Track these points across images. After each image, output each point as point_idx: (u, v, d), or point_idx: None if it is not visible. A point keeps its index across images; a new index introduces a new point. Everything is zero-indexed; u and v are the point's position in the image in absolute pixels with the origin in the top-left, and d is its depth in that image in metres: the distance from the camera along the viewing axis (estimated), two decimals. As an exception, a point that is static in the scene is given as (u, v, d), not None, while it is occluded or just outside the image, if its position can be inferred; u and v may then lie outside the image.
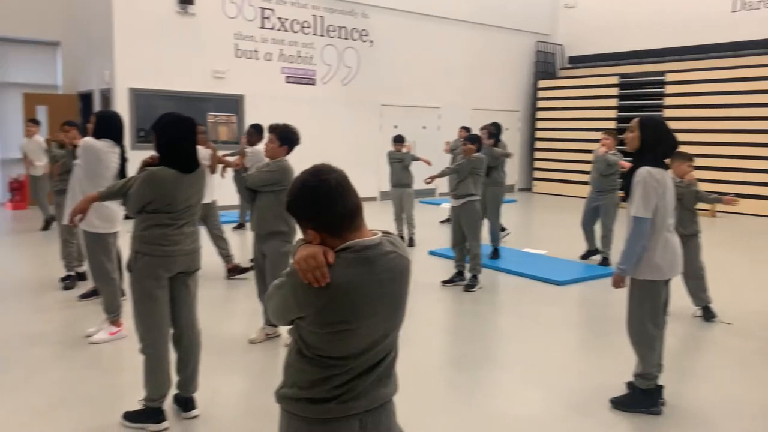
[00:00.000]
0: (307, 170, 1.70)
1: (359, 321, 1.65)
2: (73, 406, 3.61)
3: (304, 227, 1.69)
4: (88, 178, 4.52)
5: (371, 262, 1.65)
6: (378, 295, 1.66)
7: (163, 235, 3.21)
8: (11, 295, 5.87)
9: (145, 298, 3.25)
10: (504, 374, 4.30)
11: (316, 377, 1.70)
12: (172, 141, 3.24)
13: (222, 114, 11.68)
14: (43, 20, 11.67)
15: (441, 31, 14.24)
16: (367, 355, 1.71)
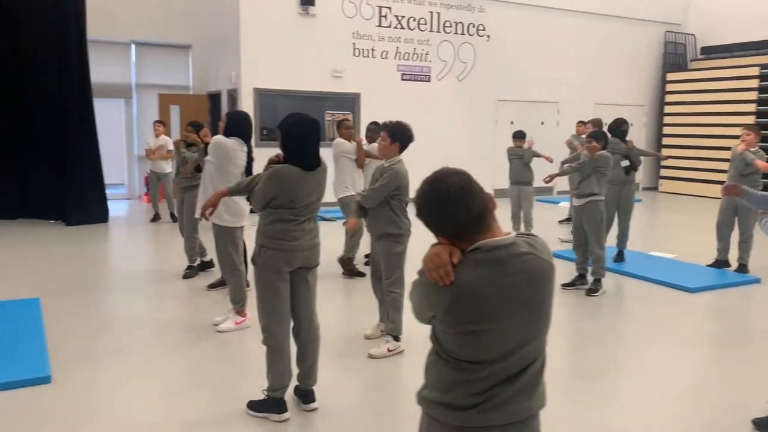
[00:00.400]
0: (428, 178, 1.69)
1: (488, 323, 1.59)
2: (200, 392, 3.79)
3: (434, 233, 1.67)
4: (218, 174, 4.75)
5: (501, 262, 1.59)
6: (510, 297, 1.59)
7: (284, 230, 3.30)
8: (142, 282, 6.29)
9: (267, 291, 3.35)
10: (627, 385, 4.05)
11: (453, 380, 1.66)
12: (296, 141, 3.33)
13: (338, 112, 11.92)
14: (176, 25, 12.44)
15: (561, 24, 13.74)
16: (505, 362, 1.63)
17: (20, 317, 4.97)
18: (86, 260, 7.29)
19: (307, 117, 3.40)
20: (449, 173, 1.68)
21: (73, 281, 6.23)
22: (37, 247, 7.84)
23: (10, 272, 6.56)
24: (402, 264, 4.38)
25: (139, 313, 5.36)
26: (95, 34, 10.46)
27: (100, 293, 5.94)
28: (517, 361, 1.64)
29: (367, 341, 4.63)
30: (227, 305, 5.15)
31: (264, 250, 3.32)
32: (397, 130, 4.32)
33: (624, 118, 7.83)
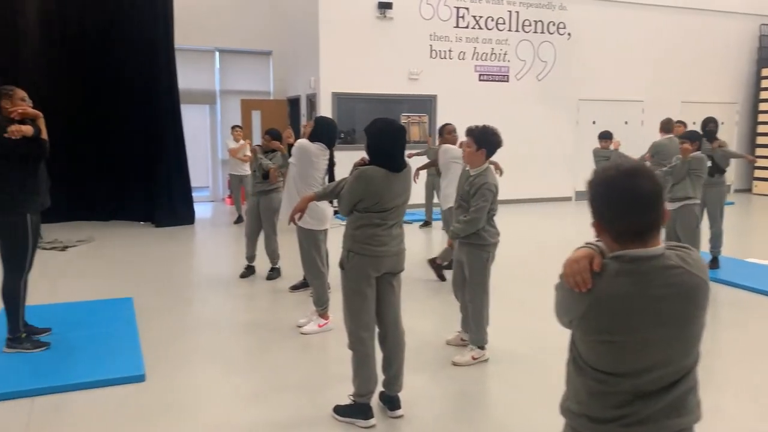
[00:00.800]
0: (623, 169, 1.58)
1: (624, 335, 1.53)
2: (287, 394, 3.84)
3: (599, 226, 1.61)
4: (301, 177, 4.82)
5: (645, 274, 1.53)
6: (651, 311, 1.52)
7: (373, 235, 3.29)
8: (226, 283, 6.45)
9: (354, 296, 3.35)
10: (726, 399, 3.81)
11: (592, 391, 1.62)
12: (383, 143, 3.33)
13: (414, 114, 11.90)
14: (257, 33, 12.76)
15: (646, 19, 13.19)
16: (648, 377, 1.56)
17: (115, 316, 5.19)
18: (174, 260, 7.57)
19: (394, 122, 3.42)
20: (645, 171, 1.57)
21: (163, 281, 6.47)
22: (129, 247, 8.20)
23: (105, 272, 6.88)
24: (485, 274, 4.26)
25: (225, 313, 5.50)
26: (182, 42, 10.87)
27: (188, 293, 6.14)
28: (659, 377, 1.56)
29: (450, 348, 4.57)
30: (309, 307, 5.21)
31: (352, 255, 3.32)
32: (484, 136, 4.15)
33: (713, 117, 7.48)
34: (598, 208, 1.60)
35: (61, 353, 4.34)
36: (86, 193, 9.95)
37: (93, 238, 8.66)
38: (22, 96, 4.24)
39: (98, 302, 5.61)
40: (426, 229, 9.72)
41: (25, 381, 3.87)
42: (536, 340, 4.94)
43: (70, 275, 6.71)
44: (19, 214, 4.20)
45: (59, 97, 9.38)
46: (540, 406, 3.63)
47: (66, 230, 9.04)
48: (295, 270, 6.56)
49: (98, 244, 8.33)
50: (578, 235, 5.23)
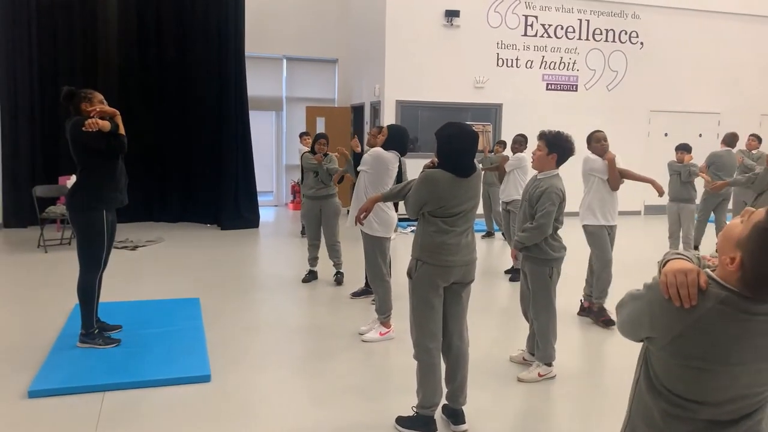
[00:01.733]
0: None
1: (719, 365, 1.41)
2: (349, 401, 3.81)
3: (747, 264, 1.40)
4: (373, 184, 4.82)
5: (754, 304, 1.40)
6: (752, 345, 1.40)
7: (442, 243, 3.23)
8: (290, 286, 6.50)
9: (422, 306, 3.29)
10: None
11: (668, 414, 1.50)
12: (451, 151, 3.28)
13: (478, 123, 11.77)
14: (324, 40, 12.92)
15: (723, 28, 12.65)
16: (729, 407, 1.46)
17: (182, 315, 5.30)
18: (239, 263, 7.70)
19: (466, 127, 3.37)
20: None
21: (228, 282, 6.58)
22: (196, 249, 8.40)
23: (173, 272, 7.07)
24: (550, 289, 4.11)
25: (288, 316, 5.54)
26: (251, 49, 11.11)
27: (252, 295, 6.22)
28: (740, 408, 1.46)
29: (516, 364, 4.44)
30: (371, 314, 5.19)
31: (421, 264, 3.27)
32: (557, 140, 4.05)
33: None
34: (763, 263, 1.37)
35: (130, 350, 4.46)
36: (156, 195, 10.28)
37: (162, 238, 8.92)
38: (100, 99, 4.38)
39: (166, 301, 5.75)
40: (488, 239, 9.60)
41: (97, 376, 3.98)
42: (604, 359, 4.77)
43: (140, 274, 6.92)
44: (97, 210, 4.33)
45: (131, 100, 9.73)
46: (606, 428, 3.48)
47: (136, 230, 9.35)
48: (356, 276, 6.60)
49: (167, 245, 8.56)
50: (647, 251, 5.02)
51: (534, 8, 11.65)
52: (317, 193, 6.57)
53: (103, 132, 4.14)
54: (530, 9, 11.63)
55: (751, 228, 1.37)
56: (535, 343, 4.24)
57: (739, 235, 1.40)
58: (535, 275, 4.11)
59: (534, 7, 11.65)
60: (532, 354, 4.32)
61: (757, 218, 1.37)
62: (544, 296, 4.10)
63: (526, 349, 4.44)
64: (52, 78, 9.38)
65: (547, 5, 11.70)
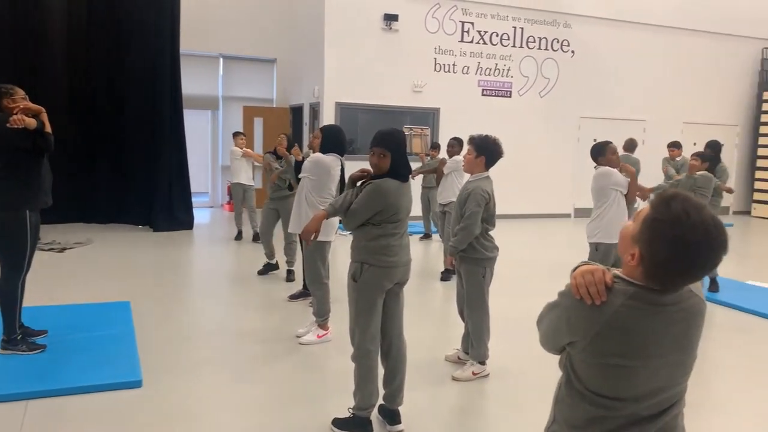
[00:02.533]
0: (690, 204, 1.42)
1: (637, 360, 1.48)
2: (286, 405, 3.79)
3: (655, 264, 1.45)
4: (317, 190, 4.80)
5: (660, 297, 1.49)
6: (666, 335, 1.49)
7: (388, 245, 3.27)
8: (225, 289, 6.41)
9: (368, 308, 3.31)
10: (731, 423, 3.78)
11: (588, 416, 1.55)
12: (404, 158, 3.34)
13: (417, 126, 11.91)
14: (262, 40, 12.78)
15: (650, 39, 13.26)
16: (649, 402, 1.52)
17: (113, 320, 5.14)
18: (173, 266, 7.52)
19: (400, 132, 3.43)
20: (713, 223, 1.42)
21: (161, 286, 6.42)
22: (128, 251, 8.15)
23: (102, 275, 6.83)
24: (483, 289, 4.22)
25: (223, 320, 5.45)
26: (187, 47, 10.88)
27: (186, 299, 6.09)
28: (658, 402, 1.53)
29: (451, 363, 4.52)
30: (308, 317, 5.17)
31: (367, 267, 3.27)
32: (485, 144, 4.17)
33: (716, 141, 7.51)
34: (658, 251, 1.43)
35: (57, 356, 4.29)
36: (85, 195, 9.92)
37: (91, 240, 8.62)
38: (23, 95, 4.22)
39: (95, 305, 5.56)
40: (426, 241, 9.72)
41: (20, 383, 3.82)
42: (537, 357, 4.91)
43: (68, 277, 6.66)
44: (20, 210, 4.15)
45: (62, 98, 9.38)
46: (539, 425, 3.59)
47: (65, 232, 9.00)
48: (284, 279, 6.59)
49: (96, 247, 8.28)
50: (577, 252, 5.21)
51: (470, 15, 11.89)
52: (274, 195, 6.78)
53: (28, 130, 3.99)
54: (467, 15, 11.86)
55: (641, 222, 1.47)
56: (469, 342, 4.33)
57: (633, 231, 1.50)
58: (468, 275, 4.21)
59: (470, 14, 11.89)
60: (466, 353, 4.41)
61: (645, 212, 1.47)
62: (477, 296, 4.20)
63: (461, 348, 4.53)
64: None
65: (483, 12, 11.96)
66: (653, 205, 1.46)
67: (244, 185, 9.13)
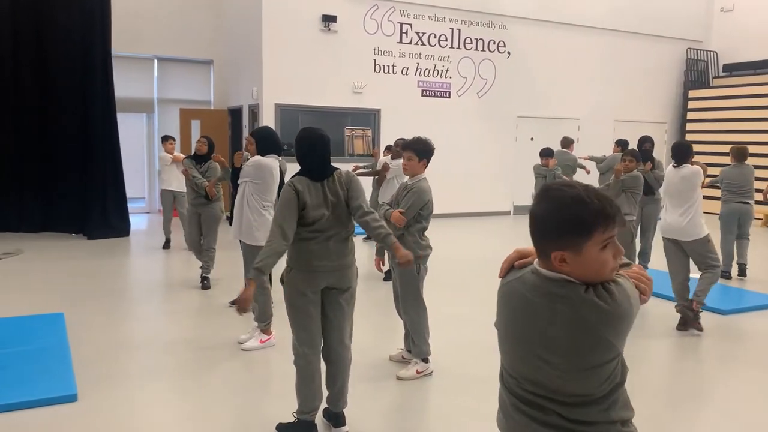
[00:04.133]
0: (573, 185, 1.55)
1: (502, 329, 1.72)
2: (228, 412, 3.74)
3: (547, 238, 1.57)
4: (260, 192, 4.77)
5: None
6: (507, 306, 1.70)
7: (305, 249, 3.23)
8: (164, 298, 6.27)
9: (293, 311, 3.30)
10: (704, 415, 3.95)
11: (505, 390, 1.73)
12: (301, 154, 3.33)
13: (358, 127, 11.94)
14: (198, 41, 12.54)
15: (582, 40, 13.69)
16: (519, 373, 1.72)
17: (45, 332, 4.95)
18: (108, 275, 7.29)
19: (316, 130, 3.38)
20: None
21: (96, 296, 6.22)
22: (60, 260, 7.86)
23: (34, 286, 6.57)
24: (418, 286, 4.27)
25: (163, 329, 5.34)
26: (119, 49, 10.57)
27: (123, 308, 5.92)
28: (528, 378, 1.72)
29: (396, 363, 4.55)
30: (251, 323, 5.11)
31: (289, 269, 3.29)
32: (425, 147, 4.23)
33: (649, 136, 7.82)
34: (572, 230, 1.51)
35: (-15, 373, 4.11)
36: (14, 203, 9.51)
37: (21, 250, 8.27)
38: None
39: (27, 318, 5.34)
40: (370, 242, 9.71)
41: (-55, 403, 3.64)
42: (479, 353, 4.99)
43: (-4, 290, 6.38)
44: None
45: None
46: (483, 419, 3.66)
47: (-9, 242, 8.60)
48: (225, 286, 6.49)
49: (27, 257, 7.95)
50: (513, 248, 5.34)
51: (408, 16, 11.99)
52: (196, 201, 6.49)
53: None
54: (405, 17, 11.95)
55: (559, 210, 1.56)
56: (410, 340, 4.38)
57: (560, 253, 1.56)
58: (402, 272, 4.26)
59: (408, 15, 11.99)
60: (409, 352, 4.46)
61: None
62: (412, 292, 4.26)
63: (404, 347, 4.57)
64: None
65: (420, 14, 12.08)
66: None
67: (174, 192, 8.80)
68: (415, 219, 4.20)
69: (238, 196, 4.89)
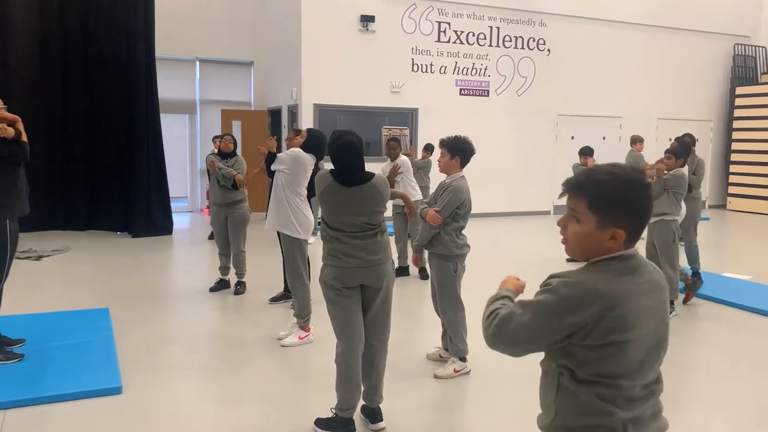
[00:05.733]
0: (633, 167, 1.62)
1: (629, 332, 1.54)
2: (268, 407, 3.79)
3: (609, 225, 1.57)
4: (290, 184, 4.81)
5: (635, 269, 1.59)
6: (641, 305, 1.57)
7: (334, 248, 3.31)
8: (205, 294, 6.36)
9: (332, 308, 3.36)
10: (717, 416, 3.85)
11: (596, 400, 1.58)
12: (332, 159, 3.38)
13: (395, 127, 11.95)
14: (239, 43, 12.74)
15: (624, 37, 13.43)
16: (641, 381, 1.60)
17: (92, 327, 5.09)
18: (152, 272, 7.47)
19: (345, 134, 3.38)
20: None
21: (140, 292, 6.37)
22: (106, 258, 8.08)
23: (81, 282, 6.77)
24: (454, 285, 4.25)
25: (204, 325, 5.43)
26: (162, 51, 10.80)
27: (165, 305, 6.05)
28: (648, 380, 1.62)
29: (433, 361, 4.54)
30: (290, 319, 5.17)
31: (323, 266, 3.36)
32: (457, 144, 4.21)
33: (689, 134, 7.65)
34: (625, 209, 1.56)
35: (35, 365, 4.24)
36: (62, 202, 9.80)
37: (69, 247, 8.52)
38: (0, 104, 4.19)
39: (74, 313, 5.51)
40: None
41: (-2, 393, 3.78)
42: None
43: (45, 285, 6.59)
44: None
45: (37, 105, 9.25)
46: (522, 418, 3.63)
47: (41, 239, 8.88)
48: (263, 282, 6.56)
49: (74, 254, 8.19)
50: (556, 250, 5.27)
51: (447, 15, 11.95)
52: (222, 200, 6.33)
53: (5, 139, 3.97)
54: (443, 16, 11.92)
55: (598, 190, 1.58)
56: (448, 339, 4.36)
57: (598, 221, 1.57)
58: (439, 270, 4.25)
59: (447, 14, 11.95)
60: (447, 350, 4.44)
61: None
62: (449, 290, 4.25)
63: (441, 345, 4.56)
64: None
65: (459, 12, 12.03)
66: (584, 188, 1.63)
67: None
68: (452, 218, 4.18)
69: (274, 188, 4.94)
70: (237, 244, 6.37)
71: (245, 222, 6.41)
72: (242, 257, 6.40)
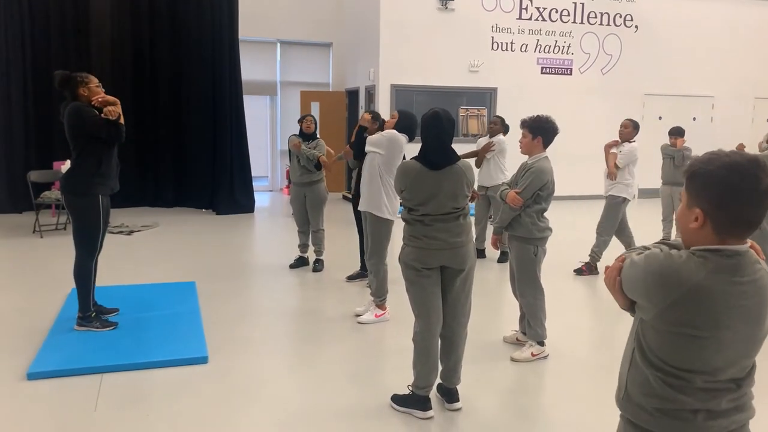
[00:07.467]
0: (747, 154, 1.51)
1: (710, 331, 1.48)
2: (347, 382, 3.86)
3: (694, 204, 1.52)
4: (386, 165, 4.81)
5: (738, 269, 1.49)
6: (739, 308, 1.48)
7: (414, 229, 3.33)
8: (285, 270, 6.51)
9: (411, 287, 3.38)
10: None
11: (663, 386, 1.56)
12: (422, 139, 3.41)
13: (473, 107, 11.78)
14: (318, 24, 12.85)
15: (717, 12, 12.64)
16: (721, 375, 1.53)
17: (179, 299, 5.34)
18: (234, 248, 7.73)
19: (435, 113, 3.36)
20: (766, 164, 1.50)
21: (224, 267, 6.61)
22: (192, 233, 8.42)
23: (169, 256, 7.09)
24: (534, 268, 4.17)
25: (284, 300, 5.59)
26: (245, 33, 11.05)
27: (248, 280, 6.26)
28: (732, 374, 1.55)
29: (510, 344, 4.50)
30: (366, 297, 5.23)
31: (404, 246, 3.37)
32: (539, 124, 4.11)
33: None
34: (712, 192, 1.48)
35: (128, 333, 4.50)
36: (150, 181, 10.27)
37: (157, 223, 8.93)
38: (96, 83, 4.41)
39: (163, 285, 5.78)
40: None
41: (95, 358, 4.02)
42: (597, 338, 4.83)
43: (136, 258, 6.94)
44: (93, 196, 4.36)
45: (125, 87, 9.69)
46: (598, 404, 3.54)
47: (131, 215, 9.35)
48: (340, 261, 6.65)
49: (162, 230, 8.58)
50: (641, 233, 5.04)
51: (529, -9, 11.62)
52: (301, 179, 6.45)
53: (108, 121, 4.21)
54: (525, -8, 11.60)
55: (687, 182, 1.54)
56: (526, 322, 4.30)
57: (688, 198, 1.53)
58: (519, 253, 4.19)
59: (529, -9, 11.62)
60: (524, 334, 4.38)
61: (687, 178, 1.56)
62: (529, 274, 4.17)
63: (519, 329, 4.50)
64: (44, 63, 9.33)
65: (542, -12, 11.67)
66: (689, 166, 1.56)
67: None
68: (533, 200, 4.10)
69: (368, 167, 4.93)
70: (316, 222, 6.50)
71: (323, 201, 6.51)
72: (321, 235, 6.52)
